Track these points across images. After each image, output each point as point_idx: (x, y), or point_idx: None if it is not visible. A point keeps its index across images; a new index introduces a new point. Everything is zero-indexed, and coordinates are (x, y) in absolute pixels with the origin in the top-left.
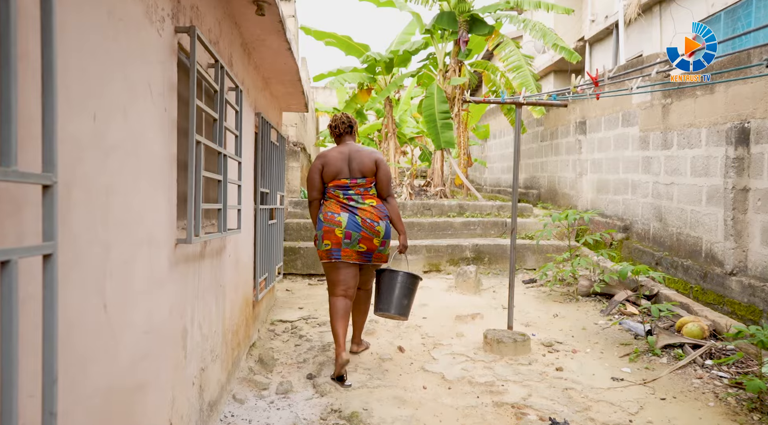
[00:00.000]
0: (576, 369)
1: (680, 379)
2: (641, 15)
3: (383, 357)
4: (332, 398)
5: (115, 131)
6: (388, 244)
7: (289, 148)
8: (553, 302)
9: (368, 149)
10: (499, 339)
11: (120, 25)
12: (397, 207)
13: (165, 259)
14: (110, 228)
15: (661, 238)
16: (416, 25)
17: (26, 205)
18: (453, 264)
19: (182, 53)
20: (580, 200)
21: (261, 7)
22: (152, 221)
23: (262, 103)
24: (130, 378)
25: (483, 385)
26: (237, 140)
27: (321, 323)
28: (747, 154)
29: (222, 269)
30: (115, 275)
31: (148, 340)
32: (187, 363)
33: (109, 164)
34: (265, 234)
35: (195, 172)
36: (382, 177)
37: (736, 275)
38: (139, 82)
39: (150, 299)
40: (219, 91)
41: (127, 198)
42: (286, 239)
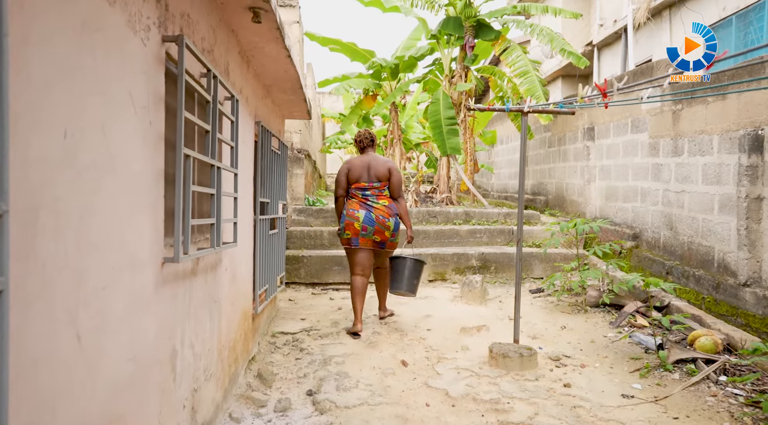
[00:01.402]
0: (584, 385)
1: (693, 397)
2: (650, 19)
3: (385, 372)
4: (332, 416)
5: (90, 148)
6: (398, 235)
7: (293, 155)
8: (561, 313)
9: (384, 158)
10: (504, 354)
11: (97, 35)
12: (405, 206)
13: (150, 280)
14: (84, 253)
15: (671, 247)
16: (422, 31)
17: None
18: (459, 273)
19: (171, 63)
20: (588, 207)
21: (257, 14)
22: (134, 241)
23: (263, 112)
24: (110, 412)
25: (488, 402)
26: (233, 151)
27: (323, 335)
28: (761, 162)
29: (217, 284)
30: (90, 303)
31: (132, 368)
32: (177, 385)
33: (83, 184)
34: (265, 245)
35: (183, 187)
36: (394, 182)
37: (750, 287)
38: (119, 96)
39: (132, 323)
40: (212, 101)
41: (105, 219)
42: (290, 247)
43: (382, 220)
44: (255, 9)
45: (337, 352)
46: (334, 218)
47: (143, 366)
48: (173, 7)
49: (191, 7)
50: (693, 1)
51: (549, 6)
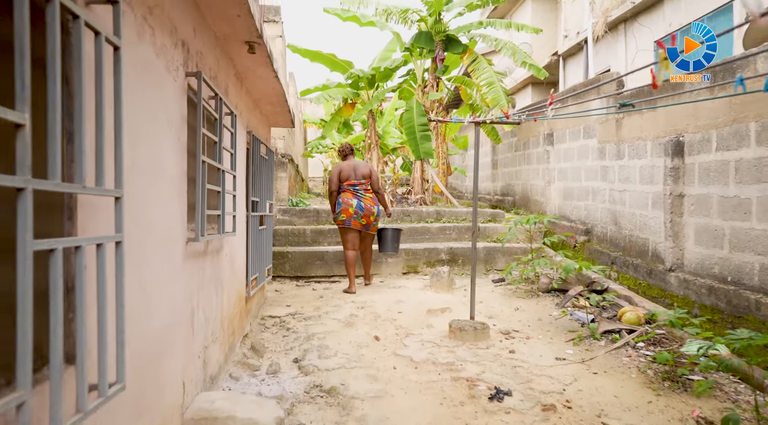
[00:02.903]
0: (526, 351)
1: (613, 358)
2: (608, 32)
3: (361, 345)
4: (315, 376)
5: (145, 157)
6: (378, 220)
7: (278, 159)
8: (517, 298)
9: (364, 162)
10: (461, 328)
11: (148, 78)
12: (384, 196)
13: (179, 254)
14: (143, 228)
15: (616, 240)
16: (397, 43)
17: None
18: (429, 266)
19: (190, 91)
20: (548, 206)
21: (252, 47)
22: (171, 224)
23: (253, 123)
24: (156, 344)
25: (445, 365)
26: (232, 157)
27: (307, 318)
28: (682, 164)
29: (220, 266)
30: (146, 264)
31: (168, 317)
32: (194, 338)
33: (141, 181)
34: (255, 238)
35: (201, 185)
36: (374, 179)
37: (674, 272)
38: (161, 119)
39: (169, 285)
40: (218, 118)
41: (154, 207)
42: (276, 244)
43: (369, 207)
44: (250, 43)
45: (318, 330)
46: (316, 217)
47: (175, 317)
48: (192, 49)
49: (203, 45)
50: (644, 17)
51: (512, 22)
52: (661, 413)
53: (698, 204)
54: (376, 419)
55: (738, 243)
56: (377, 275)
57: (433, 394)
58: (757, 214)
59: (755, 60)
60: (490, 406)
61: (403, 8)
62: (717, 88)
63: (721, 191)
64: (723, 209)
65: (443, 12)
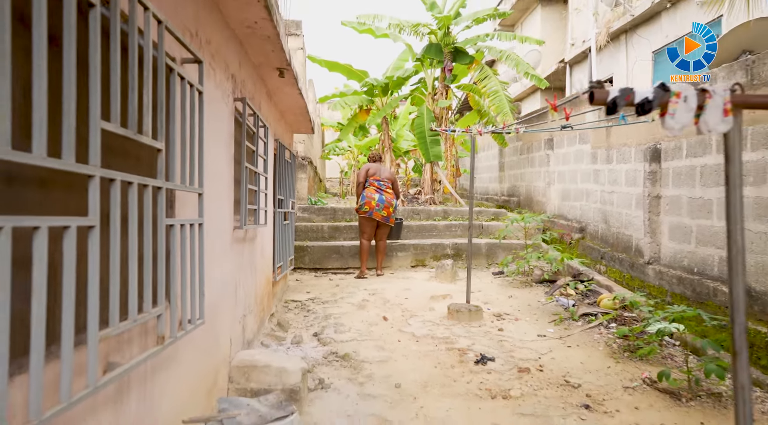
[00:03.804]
0: (513, 330)
1: (586, 335)
2: (610, 42)
3: (371, 323)
4: (331, 346)
5: (209, 165)
6: (395, 213)
7: (298, 162)
8: (512, 288)
9: (389, 169)
10: (458, 310)
11: (213, 107)
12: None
13: (228, 238)
14: (209, 217)
15: (605, 237)
16: (409, 54)
17: (191, 202)
18: (436, 259)
19: (236, 112)
20: (548, 206)
21: (282, 73)
22: (225, 215)
23: (279, 131)
24: (212, 306)
25: (441, 339)
26: (264, 162)
27: (324, 302)
28: (659, 168)
29: (254, 252)
30: (211, 243)
31: (220, 286)
32: (236, 306)
33: (208, 183)
34: (280, 231)
35: (244, 186)
36: (396, 185)
37: (652, 264)
38: (220, 138)
39: (221, 262)
40: (255, 132)
41: (216, 202)
42: (296, 239)
43: (389, 200)
44: (281, 69)
45: (335, 312)
46: (333, 215)
47: (224, 287)
48: (238, 78)
49: (245, 75)
50: (643, 29)
51: (517, 35)
52: (616, 375)
53: (672, 204)
54: (381, 376)
55: (702, 239)
56: (388, 268)
57: (429, 360)
58: (717, 213)
59: (716, 75)
60: (475, 368)
61: (415, 23)
62: None
63: (690, 193)
64: (691, 209)
65: (452, 26)
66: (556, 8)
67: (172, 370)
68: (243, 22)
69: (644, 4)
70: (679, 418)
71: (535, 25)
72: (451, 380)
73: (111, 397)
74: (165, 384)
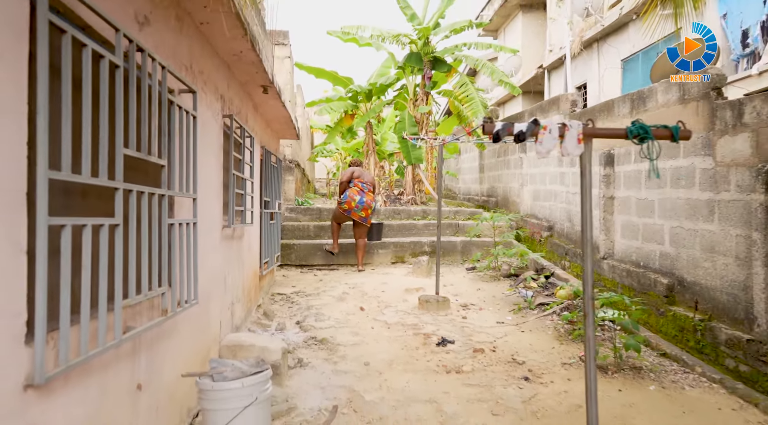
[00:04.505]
0: (476, 317)
1: (540, 322)
2: (583, 50)
3: (349, 313)
4: (311, 332)
5: (204, 174)
6: (373, 215)
7: (286, 165)
8: (482, 282)
9: (371, 173)
10: (427, 300)
11: (204, 125)
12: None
13: (218, 235)
14: (201, 217)
15: (570, 234)
16: (391, 62)
17: (186, 206)
18: (414, 256)
19: (225, 126)
20: (522, 206)
21: (266, 89)
22: (214, 214)
23: (266, 138)
24: (204, 293)
25: (410, 325)
26: (251, 168)
27: (308, 295)
28: (612, 172)
29: (241, 249)
30: (202, 239)
31: (210, 275)
32: (225, 294)
33: (202, 189)
34: (267, 230)
35: (232, 190)
36: (375, 188)
37: (606, 259)
38: (210, 149)
39: (212, 255)
40: (242, 143)
41: (207, 204)
42: (283, 237)
43: (368, 202)
44: (264, 86)
45: (316, 303)
46: (318, 215)
47: (215, 276)
48: (226, 97)
49: (233, 93)
50: (613, 38)
51: (492, 44)
52: (558, 354)
53: (622, 205)
54: (353, 357)
55: (647, 235)
56: (369, 264)
57: (397, 343)
58: (658, 212)
59: (657, 90)
60: (436, 349)
61: (396, 33)
62: (635, 112)
63: (637, 195)
64: (638, 209)
65: (431, 36)
66: (537, 15)
67: (172, 340)
68: (230, 52)
69: (613, 15)
70: (602, 386)
71: (516, 31)
72: (414, 359)
73: (129, 353)
74: (167, 351)
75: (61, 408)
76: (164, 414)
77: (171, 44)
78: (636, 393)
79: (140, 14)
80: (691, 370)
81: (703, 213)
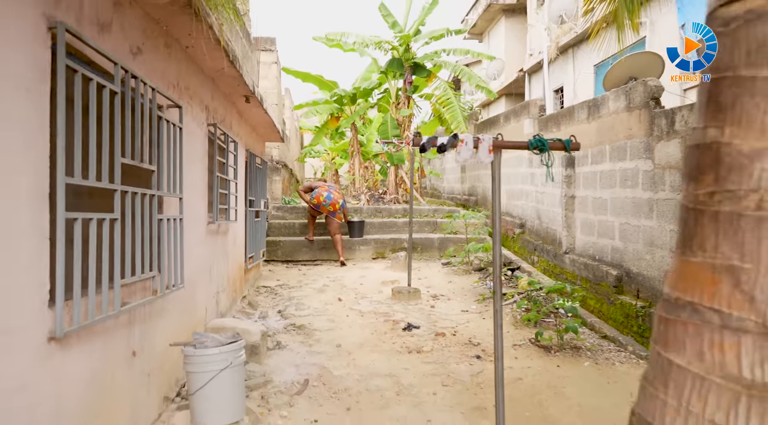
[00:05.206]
0: (444, 307)
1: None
2: (559, 55)
3: (327, 303)
4: (291, 320)
5: (189, 178)
6: (342, 210)
7: (273, 165)
8: (455, 275)
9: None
10: (399, 291)
11: (190, 133)
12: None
13: (203, 230)
14: (187, 213)
15: (539, 231)
16: (374, 67)
17: (174, 204)
18: (394, 252)
19: (210, 133)
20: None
21: (248, 99)
22: (200, 212)
23: (251, 142)
24: (190, 281)
25: (382, 313)
26: (235, 171)
27: (290, 287)
28: (573, 173)
29: (226, 242)
30: (187, 233)
31: (196, 265)
32: (210, 284)
33: (187, 191)
34: (252, 227)
35: (216, 190)
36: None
37: (568, 254)
38: (196, 155)
39: (197, 248)
40: (226, 147)
41: (192, 203)
42: (270, 234)
43: (336, 199)
44: (247, 96)
45: (298, 295)
46: (305, 213)
47: (201, 266)
48: (210, 107)
49: (217, 103)
50: (585, 46)
51: (471, 50)
52: (511, 337)
53: (581, 203)
54: (327, 340)
55: (601, 231)
56: (351, 260)
57: (368, 328)
58: (610, 210)
59: (608, 98)
60: (402, 333)
61: (378, 40)
62: (591, 118)
63: (593, 194)
64: (594, 207)
65: (411, 43)
66: (519, 19)
67: (162, 319)
68: (213, 69)
69: (585, 24)
70: (543, 363)
71: (500, 34)
72: (381, 342)
73: (125, 324)
74: (158, 327)
75: (75, 360)
76: (155, 380)
77: (161, 68)
78: (571, 368)
79: (134, 46)
80: (624, 349)
81: (645, 211)
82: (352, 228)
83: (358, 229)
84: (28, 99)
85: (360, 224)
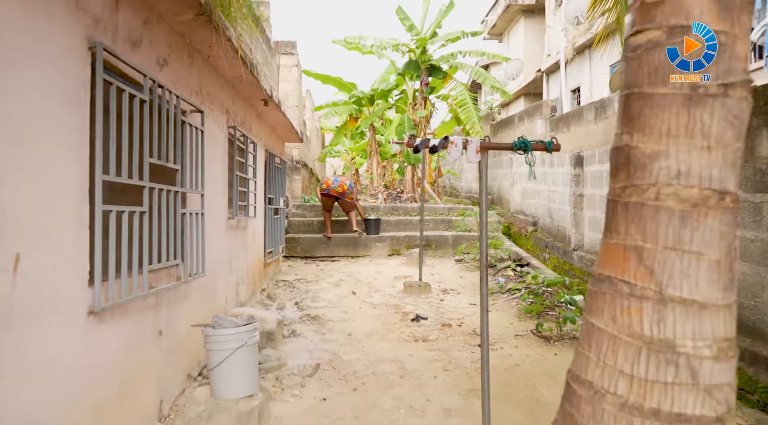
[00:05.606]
0: (453, 300)
1: (507, 303)
2: (576, 56)
3: (341, 296)
4: (306, 310)
5: (211, 175)
6: (350, 191)
7: (293, 165)
8: (467, 271)
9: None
10: (411, 285)
11: (211, 135)
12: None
13: (223, 225)
14: (209, 210)
15: (550, 229)
16: (392, 69)
17: (196, 200)
18: (409, 249)
19: (230, 135)
20: (512, 203)
21: (266, 103)
22: (221, 209)
23: (270, 142)
24: (211, 271)
25: (393, 306)
26: (254, 170)
27: (308, 282)
28: (582, 172)
29: (246, 237)
30: (210, 228)
31: (217, 258)
32: (231, 275)
33: (210, 188)
34: (271, 223)
35: (235, 188)
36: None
37: (577, 251)
38: (218, 156)
39: (218, 241)
40: (245, 148)
41: (214, 199)
42: (290, 232)
43: (342, 182)
44: (265, 100)
45: (314, 288)
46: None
47: (220, 259)
48: (230, 111)
49: (237, 107)
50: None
51: (486, 52)
52: (514, 328)
53: (590, 201)
54: (339, 329)
55: None
56: (368, 256)
57: (378, 319)
58: None
59: (614, 99)
60: (411, 324)
61: (395, 42)
62: (598, 119)
63: (600, 192)
64: (602, 205)
65: (428, 45)
66: (538, 20)
67: (186, 304)
68: (233, 76)
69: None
70: (541, 351)
71: (519, 35)
72: (390, 331)
73: (153, 306)
74: (182, 311)
75: (110, 333)
76: (179, 358)
77: (185, 76)
78: (568, 356)
79: (161, 58)
80: None
81: None
82: (369, 226)
83: (374, 226)
84: (72, 109)
85: (376, 221)
